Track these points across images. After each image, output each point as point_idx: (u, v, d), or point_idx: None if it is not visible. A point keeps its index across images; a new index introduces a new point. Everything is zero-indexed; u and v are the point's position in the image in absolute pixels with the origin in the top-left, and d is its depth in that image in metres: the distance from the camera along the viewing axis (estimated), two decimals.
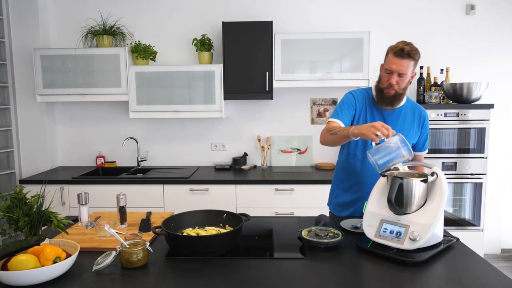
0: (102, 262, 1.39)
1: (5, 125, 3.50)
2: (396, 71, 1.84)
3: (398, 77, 1.86)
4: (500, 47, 3.54)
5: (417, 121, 2.01)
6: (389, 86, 1.88)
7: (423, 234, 1.46)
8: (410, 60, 1.83)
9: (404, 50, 1.81)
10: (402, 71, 1.83)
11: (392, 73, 1.86)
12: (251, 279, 1.35)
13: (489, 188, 3.53)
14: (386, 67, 1.88)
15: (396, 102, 1.92)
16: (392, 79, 1.86)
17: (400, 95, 1.91)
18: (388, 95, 1.90)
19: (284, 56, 3.26)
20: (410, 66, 1.84)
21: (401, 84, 1.88)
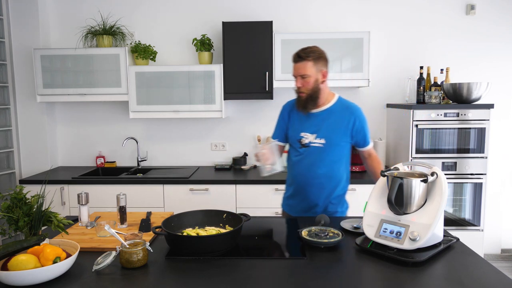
0: (102, 262, 1.39)
1: (5, 125, 3.50)
2: (296, 74, 2.02)
3: (302, 79, 2.01)
4: (500, 47, 3.54)
5: (346, 121, 2.07)
6: (298, 90, 2.05)
7: (423, 234, 1.46)
8: (306, 61, 1.98)
9: (298, 54, 2.00)
10: (300, 73, 2.00)
11: (296, 77, 2.03)
12: (251, 279, 1.35)
13: (489, 188, 3.53)
14: (292, 74, 2.05)
15: (310, 105, 2.05)
16: (297, 82, 2.03)
17: (314, 98, 2.03)
18: (301, 98, 2.05)
19: (284, 56, 3.26)
20: (308, 66, 1.98)
21: (307, 85, 2.01)
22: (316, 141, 2.06)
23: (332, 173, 2.11)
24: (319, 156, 2.06)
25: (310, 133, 2.08)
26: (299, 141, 2.11)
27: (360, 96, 3.64)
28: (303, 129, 2.10)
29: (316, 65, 2.00)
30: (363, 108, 3.62)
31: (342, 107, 2.10)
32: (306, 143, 2.08)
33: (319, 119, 2.07)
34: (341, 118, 2.07)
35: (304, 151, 2.10)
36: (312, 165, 2.08)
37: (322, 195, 2.12)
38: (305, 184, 2.12)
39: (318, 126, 2.07)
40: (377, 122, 3.66)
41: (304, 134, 2.09)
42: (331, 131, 2.06)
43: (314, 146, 2.07)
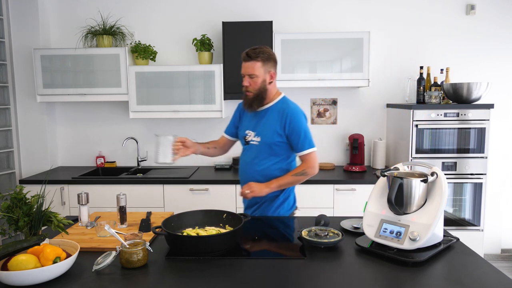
0: (102, 262, 1.39)
1: (5, 125, 3.50)
2: (245, 73, 2.04)
3: (250, 79, 2.03)
4: (500, 47, 3.54)
5: (279, 121, 2.05)
6: (245, 89, 2.07)
7: (423, 234, 1.46)
8: (255, 61, 2.00)
9: (247, 53, 2.01)
10: (249, 72, 2.02)
11: (244, 76, 2.05)
12: (251, 279, 1.35)
13: (489, 188, 3.53)
14: (241, 73, 2.06)
15: (255, 104, 2.07)
16: (244, 81, 2.05)
17: (260, 98, 2.06)
18: (248, 98, 2.08)
19: (284, 56, 3.26)
20: (257, 67, 2.00)
21: (254, 85, 2.03)
22: (254, 139, 2.11)
23: (268, 172, 2.09)
24: (255, 153, 2.10)
25: (252, 131, 2.13)
26: (244, 138, 2.18)
27: (360, 96, 3.64)
28: (247, 126, 2.16)
29: (265, 66, 2.02)
30: (363, 108, 3.65)
31: (279, 108, 2.08)
32: (248, 141, 2.15)
33: (259, 117, 2.12)
34: (276, 117, 2.06)
35: (245, 148, 2.18)
36: (251, 163, 2.13)
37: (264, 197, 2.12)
38: (246, 181, 2.12)
39: (257, 125, 2.12)
40: (377, 122, 3.66)
41: (248, 131, 2.15)
42: (266, 129, 2.08)
43: (253, 143, 2.12)
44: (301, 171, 2.05)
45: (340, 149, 3.71)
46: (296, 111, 2.07)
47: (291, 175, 2.06)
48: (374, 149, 3.51)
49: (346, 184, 3.13)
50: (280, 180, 2.05)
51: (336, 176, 3.25)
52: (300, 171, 2.05)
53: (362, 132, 3.65)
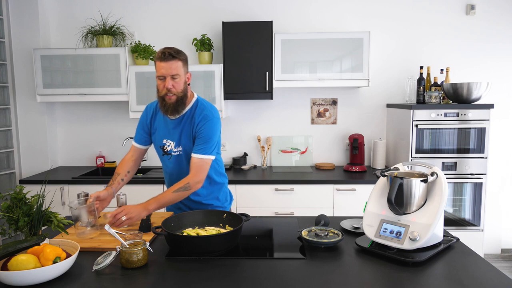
0: (102, 262, 1.39)
1: (5, 125, 3.50)
2: (167, 74, 1.83)
3: (172, 80, 1.84)
4: (500, 47, 3.54)
5: (192, 125, 1.94)
6: (168, 92, 1.85)
7: (423, 234, 1.46)
8: (177, 61, 1.83)
9: (166, 52, 1.82)
10: (172, 72, 1.83)
11: (165, 78, 1.84)
12: (251, 279, 1.35)
13: (489, 188, 3.53)
14: (158, 75, 1.85)
15: (180, 108, 1.90)
16: (167, 83, 1.84)
17: (183, 101, 1.89)
18: (169, 102, 1.87)
19: (284, 56, 3.26)
20: (179, 66, 1.84)
21: (177, 87, 1.86)
22: (176, 150, 1.98)
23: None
24: (181, 165, 1.98)
25: (171, 140, 1.98)
26: (161, 148, 2.02)
27: (360, 96, 3.64)
28: (164, 135, 2.00)
29: (184, 66, 1.88)
30: (363, 108, 3.65)
31: (191, 112, 1.95)
32: (168, 151, 2.00)
33: (175, 126, 1.96)
34: (190, 122, 1.94)
35: (167, 159, 2.01)
36: (178, 174, 1.99)
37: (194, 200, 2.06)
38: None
39: (176, 134, 1.96)
40: (377, 122, 3.66)
41: (166, 141, 2.00)
42: (185, 138, 1.95)
43: (175, 154, 1.99)
44: (183, 186, 1.84)
45: (340, 149, 3.71)
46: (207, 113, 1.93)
47: (172, 192, 1.83)
48: (374, 149, 3.51)
49: (346, 184, 3.13)
50: (160, 198, 1.82)
51: (336, 176, 3.25)
52: (183, 185, 1.84)
53: (362, 132, 3.65)
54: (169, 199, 1.83)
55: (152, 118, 2.04)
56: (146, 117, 2.07)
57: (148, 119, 2.05)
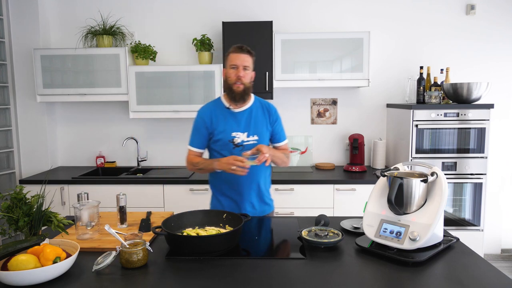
0: (102, 262, 1.39)
1: (5, 125, 3.50)
2: (240, 64, 2.04)
3: (243, 70, 2.04)
4: (500, 47, 3.54)
5: (267, 116, 2.15)
6: (237, 80, 2.04)
7: (423, 234, 1.46)
8: (250, 56, 2.07)
9: (243, 47, 2.06)
10: (245, 63, 2.04)
11: (237, 67, 2.04)
12: (251, 279, 1.35)
13: (489, 188, 3.53)
14: (232, 63, 2.05)
15: (246, 96, 2.08)
16: (239, 71, 2.03)
17: (248, 90, 2.08)
18: (238, 90, 2.04)
19: (284, 56, 3.26)
20: (250, 61, 2.07)
21: (247, 77, 2.06)
22: (250, 139, 2.08)
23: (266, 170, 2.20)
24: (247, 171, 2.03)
25: (242, 132, 2.09)
26: (231, 142, 2.08)
27: (360, 96, 3.64)
28: (232, 129, 2.09)
29: (253, 64, 2.11)
30: (363, 108, 3.66)
31: (261, 104, 2.17)
32: (239, 143, 2.08)
33: (245, 117, 2.11)
34: (263, 114, 2.14)
35: (239, 151, 2.07)
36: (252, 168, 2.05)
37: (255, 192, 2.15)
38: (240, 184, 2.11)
39: (247, 124, 2.10)
40: (377, 122, 3.66)
41: (236, 133, 2.08)
42: (260, 127, 2.11)
43: (249, 144, 2.08)
44: (287, 154, 2.20)
45: (340, 149, 3.71)
46: (274, 106, 2.22)
47: (282, 154, 2.14)
48: (374, 149, 3.51)
49: (346, 184, 3.13)
50: (276, 152, 2.10)
51: (336, 176, 3.25)
52: (287, 154, 2.20)
53: (362, 132, 3.65)
54: (280, 156, 2.11)
55: (210, 119, 2.11)
56: (203, 121, 2.12)
57: (207, 121, 2.11)
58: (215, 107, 2.14)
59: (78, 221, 1.75)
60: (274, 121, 2.17)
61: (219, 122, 2.10)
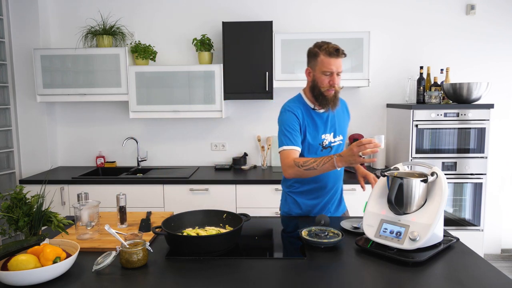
0: (102, 262, 1.39)
1: (5, 125, 3.50)
2: (336, 70, 1.86)
3: (337, 76, 1.89)
4: (500, 47, 3.54)
5: (346, 112, 2.13)
6: (330, 87, 1.88)
7: (423, 234, 1.46)
8: (341, 58, 1.88)
9: (339, 49, 1.84)
10: (340, 69, 1.88)
11: (332, 74, 1.87)
12: (251, 279, 1.35)
13: (489, 188, 3.53)
14: (326, 69, 1.86)
15: (337, 100, 1.94)
16: (333, 79, 1.87)
17: (338, 93, 1.94)
18: (330, 96, 1.90)
19: (284, 56, 3.26)
20: (342, 64, 1.90)
21: (339, 82, 1.91)
22: (336, 139, 2.02)
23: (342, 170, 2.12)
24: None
25: (329, 133, 2.00)
26: (321, 144, 1.98)
27: (360, 96, 3.64)
28: (320, 131, 1.98)
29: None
30: (363, 108, 3.66)
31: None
32: (326, 144, 1.99)
33: (330, 118, 2.00)
34: (342, 111, 2.09)
35: (327, 153, 1.97)
36: None
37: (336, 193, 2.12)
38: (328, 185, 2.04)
39: (332, 124, 2.01)
40: (377, 122, 3.66)
41: (325, 135, 1.98)
42: (343, 126, 2.06)
43: (335, 144, 2.02)
44: None
45: None
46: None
47: None
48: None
49: (346, 184, 3.12)
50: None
51: None
52: None
53: (362, 132, 3.65)
54: None
55: (303, 119, 1.97)
56: (297, 118, 1.95)
57: (300, 120, 1.96)
58: (303, 107, 1.98)
59: (78, 221, 1.74)
60: (349, 116, 2.13)
61: (309, 124, 1.96)
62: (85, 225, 1.79)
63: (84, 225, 1.77)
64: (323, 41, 1.91)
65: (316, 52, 1.90)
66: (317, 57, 1.89)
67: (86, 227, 1.79)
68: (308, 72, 1.99)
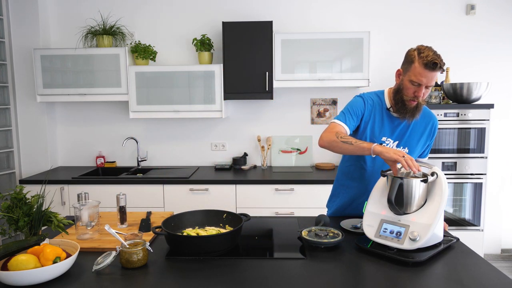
0: (102, 262, 1.39)
1: (5, 125, 3.50)
2: (426, 84, 1.71)
3: (425, 89, 1.74)
4: (500, 47, 3.54)
5: (428, 131, 1.90)
6: (414, 98, 1.76)
7: (423, 234, 1.46)
8: (438, 72, 1.71)
9: (437, 63, 1.66)
10: (430, 83, 1.72)
11: (420, 85, 1.73)
12: (251, 279, 1.35)
13: (489, 188, 3.53)
14: (415, 80, 1.72)
15: (417, 113, 1.80)
16: (420, 92, 1.74)
17: (421, 107, 1.80)
18: (410, 106, 1.77)
19: (284, 56, 3.26)
20: (436, 77, 1.74)
21: (426, 94, 1.77)
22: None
23: None
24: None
25: (392, 139, 1.87)
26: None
27: None
28: (384, 133, 1.86)
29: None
30: None
31: (424, 115, 1.89)
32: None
33: (403, 126, 1.86)
34: (424, 127, 1.89)
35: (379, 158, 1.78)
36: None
37: None
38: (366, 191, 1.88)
39: (402, 133, 1.86)
40: None
41: (386, 139, 1.86)
42: (414, 141, 1.88)
43: None
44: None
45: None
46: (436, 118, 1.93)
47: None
48: None
49: None
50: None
51: None
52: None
53: None
54: None
55: (370, 111, 1.86)
56: (364, 106, 1.86)
57: (364, 108, 1.86)
58: (379, 102, 1.88)
59: (78, 221, 1.74)
60: (432, 137, 1.91)
61: (375, 119, 1.86)
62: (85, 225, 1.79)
63: (84, 225, 1.77)
64: (427, 47, 1.74)
65: (413, 58, 1.76)
66: (412, 63, 1.75)
67: (86, 227, 1.79)
68: (398, 74, 1.85)
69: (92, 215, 1.76)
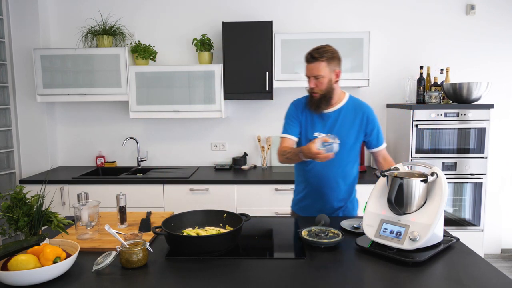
0: (102, 262, 1.39)
1: (5, 125, 3.50)
2: (310, 75, 1.99)
3: (315, 80, 1.98)
4: (500, 47, 3.54)
5: (359, 121, 2.05)
6: (311, 91, 2.02)
7: (423, 234, 1.46)
8: (320, 62, 1.94)
9: (311, 54, 1.96)
10: (314, 73, 1.97)
11: (309, 78, 2.00)
12: (251, 279, 1.35)
13: (489, 188, 3.53)
14: (305, 74, 2.02)
15: (323, 104, 2.01)
16: (310, 83, 2.01)
17: (327, 98, 2.00)
18: (314, 99, 2.01)
19: (284, 56, 3.26)
20: (322, 67, 1.95)
21: (320, 85, 1.98)
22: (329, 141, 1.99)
23: (346, 173, 2.09)
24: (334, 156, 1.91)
25: (324, 133, 2.02)
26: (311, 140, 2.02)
27: (360, 96, 3.62)
28: (315, 129, 2.06)
29: (330, 65, 1.96)
30: None
31: (354, 107, 2.06)
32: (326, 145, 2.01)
33: (332, 119, 2.04)
34: (354, 118, 2.05)
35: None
36: (328, 166, 2.03)
37: (338, 196, 2.10)
38: (320, 186, 2.09)
39: (331, 126, 2.04)
40: None
41: (318, 134, 2.03)
42: (345, 131, 2.03)
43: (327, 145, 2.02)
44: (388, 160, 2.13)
45: None
46: (370, 108, 2.09)
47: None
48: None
49: None
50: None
51: None
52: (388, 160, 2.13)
53: None
54: None
55: (301, 112, 2.10)
56: (296, 111, 2.12)
57: (296, 111, 2.12)
58: (306, 102, 2.10)
59: (78, 221, 1.74)
60: (371, 124, 2.05)
61: (307, 118, 2.08)
62: (85, 225, 1.79)
63: (84, 225, 1.77)
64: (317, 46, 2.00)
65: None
66: None
67: (86, 227, 1.79)
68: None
69: (92, 215, 1.76)
